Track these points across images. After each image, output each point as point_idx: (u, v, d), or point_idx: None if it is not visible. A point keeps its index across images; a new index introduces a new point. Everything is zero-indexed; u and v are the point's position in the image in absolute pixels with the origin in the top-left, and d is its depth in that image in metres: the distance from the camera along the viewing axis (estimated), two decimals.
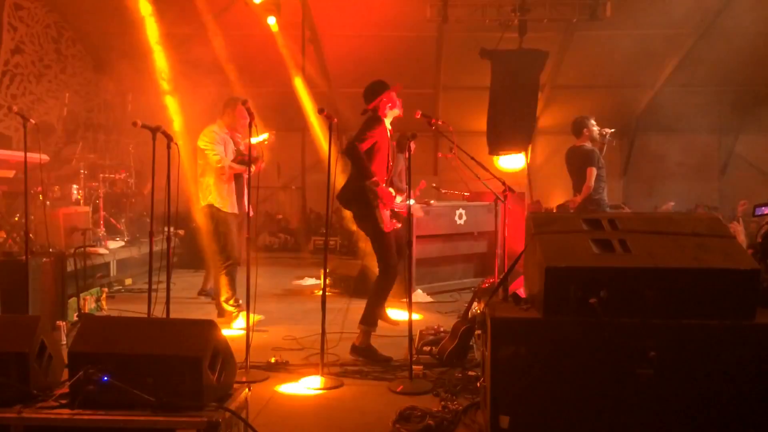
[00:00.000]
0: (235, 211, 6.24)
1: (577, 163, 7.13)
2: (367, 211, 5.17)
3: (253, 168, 6.17)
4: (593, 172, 6.96)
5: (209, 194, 6.16)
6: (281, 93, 11.35)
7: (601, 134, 7.17)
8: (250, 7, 10.00)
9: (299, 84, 11.30)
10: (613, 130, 7.35)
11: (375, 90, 5.32)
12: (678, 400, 3.08)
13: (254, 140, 5.75)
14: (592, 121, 7.18)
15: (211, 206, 6.16)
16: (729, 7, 9.75)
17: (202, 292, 7.51)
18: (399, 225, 5.42)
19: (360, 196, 5.16)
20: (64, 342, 5.25)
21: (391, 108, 5.32)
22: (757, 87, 11.90)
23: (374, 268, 5.56)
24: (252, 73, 10.87)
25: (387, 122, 5.33)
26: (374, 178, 5.10)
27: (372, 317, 5.23)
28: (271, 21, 10.38)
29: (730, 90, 12.07)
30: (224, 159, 6.13)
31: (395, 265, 5.27)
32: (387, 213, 5.19)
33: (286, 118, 11.40)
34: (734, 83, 11.84)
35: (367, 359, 5.04)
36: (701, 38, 10.52)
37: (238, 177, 6.24)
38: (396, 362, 4.97)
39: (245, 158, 6.11)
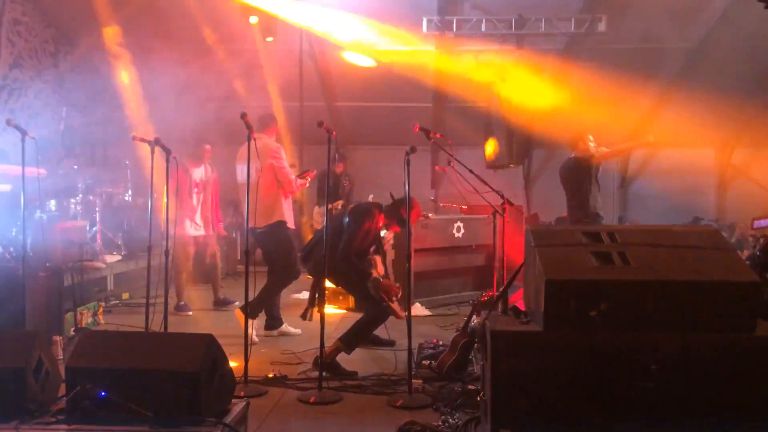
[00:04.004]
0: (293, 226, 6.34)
1: (569, 175, 7.16)
2: (356, 282, 5.40)
3: (305, 183, 6.52)
4: (581, 185, 6.98)
5: (276, 211, 6.09)
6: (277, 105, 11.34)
7: (596, 151, 7.20)
8: (246, 24, 10.02)
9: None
10: (608, 150, 7.39)
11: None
12: (680, 413, 3.07)
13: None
14: (590, 137, 7.21)
15: (283, 223, 6.13)
16: (724, 20, 9.80)
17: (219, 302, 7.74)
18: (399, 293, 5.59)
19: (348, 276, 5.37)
20: (61, 357, 5.22)
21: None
22: (754, 100, 11.95)
23: None
24: (251, 87, 10.88)
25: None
26: (373, 277, 5.32)
27: (353, 341, 5.19)
28: (269, 39, 10.43)
29: (727, 103, 12.12)
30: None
31: (384, 313, 5.37)
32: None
33: (283, 131, 11.39)
34: (731, 96, 11.88)
35: (332, 374, 4.93)
36: (697, 52, 10.57)
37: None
38: (395, 376, 4.95)
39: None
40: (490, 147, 11.15)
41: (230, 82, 10.80)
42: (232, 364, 3.58)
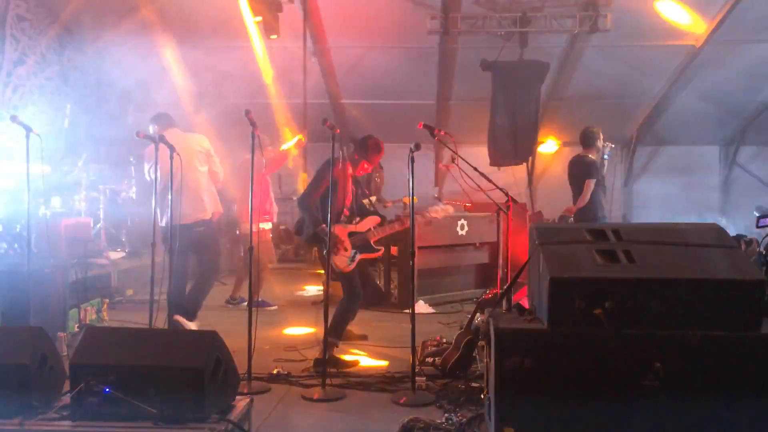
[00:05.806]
0: None
1: (579, 172, 7.15)
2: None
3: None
4: (591, 184, 6.97)
5: (215, 202, 6.10)
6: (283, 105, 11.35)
7: (603, 149, 7.21)
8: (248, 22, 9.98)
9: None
10: (613, 146, 7.39)
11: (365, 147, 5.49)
12: (684, 412, 3.06)
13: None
14: (601, 135, 7.22)
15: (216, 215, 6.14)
16: (731, 18, 9.76)
17: (232, 301, 7.74)
18: (378, 253, 5.58)
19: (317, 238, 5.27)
20: (65, 353, 5.23)
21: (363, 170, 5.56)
22: (759, 98, 11.93)
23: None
24: (251, 85, 10.88)
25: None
26: (322, 226, 5.14)
27: (338, 332, 5.22)
28: (273, 36, 10.41)
29: (732, 101, 12.11)
30: None
31: (359, 292, 5.36)
32: (346, 255, 5.29)
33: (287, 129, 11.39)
34: (736, 94, 11.86)
35: (336, 368, 4.96)
36: (702, 50, 10.54)
37: None
38: (399, 374, 4.94)
39: None
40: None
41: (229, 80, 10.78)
42: (236, 360, 3.58)
